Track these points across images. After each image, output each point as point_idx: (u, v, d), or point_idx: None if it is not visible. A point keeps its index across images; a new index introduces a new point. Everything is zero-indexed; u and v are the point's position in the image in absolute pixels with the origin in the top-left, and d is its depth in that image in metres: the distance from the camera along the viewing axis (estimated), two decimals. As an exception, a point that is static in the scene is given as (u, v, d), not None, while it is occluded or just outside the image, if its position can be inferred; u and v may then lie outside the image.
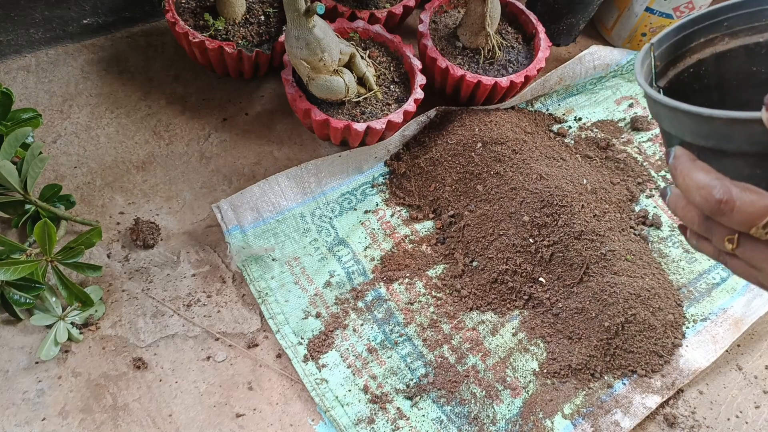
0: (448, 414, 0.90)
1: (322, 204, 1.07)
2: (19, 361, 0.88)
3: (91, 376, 0.89)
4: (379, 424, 0.88)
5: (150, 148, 1.11)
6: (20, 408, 0.85)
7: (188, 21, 1.08)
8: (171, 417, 0.87)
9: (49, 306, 0.89)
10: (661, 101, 0.40)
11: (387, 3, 1.22)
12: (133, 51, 1.22)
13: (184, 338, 0.94)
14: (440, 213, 1.08)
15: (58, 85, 1.15)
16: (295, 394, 0.91)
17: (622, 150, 1.21)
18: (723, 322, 1.02)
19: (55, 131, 1.10)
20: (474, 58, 1.16)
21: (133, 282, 0.97)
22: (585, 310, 0.95)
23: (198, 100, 1.18)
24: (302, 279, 1.00)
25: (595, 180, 1.10)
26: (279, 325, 0.95)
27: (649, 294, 0.97)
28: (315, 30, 0.91)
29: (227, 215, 1.01)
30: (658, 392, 0.94)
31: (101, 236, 0.92)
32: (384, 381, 0.92)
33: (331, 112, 1.04)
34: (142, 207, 1.05)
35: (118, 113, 1.14)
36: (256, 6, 1.14)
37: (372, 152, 1.10)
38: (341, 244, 1.04)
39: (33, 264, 0.84)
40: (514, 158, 1.07)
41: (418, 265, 1.03)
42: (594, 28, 1.46)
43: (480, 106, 1.18)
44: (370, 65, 1.09)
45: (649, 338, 0.95)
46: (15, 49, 1.15)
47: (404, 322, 0.97)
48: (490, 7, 1.08)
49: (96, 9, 1.17)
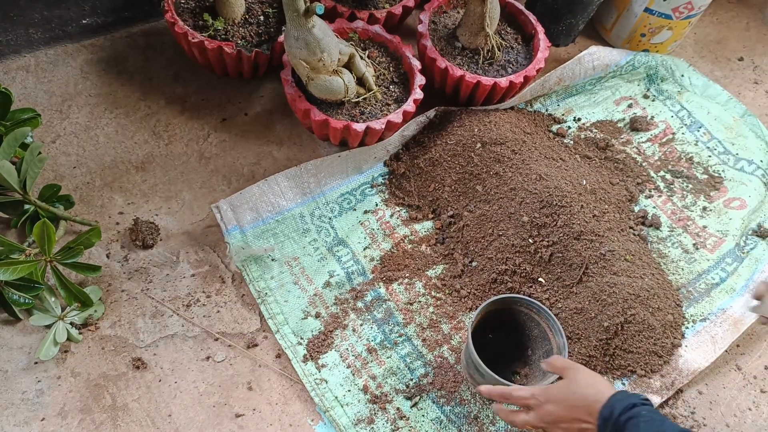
0: (448, 414, 0.90)
1: (322, 204, 1.07)
2: (19, 361, 0.88)
3: (91, 377, 0.88)
4: (379, 424, 0.88)
5: (149, 149, 1.11)
6: (19, 408, 0.85)
7: (187, 21, 1.08)
8: (170, 417, 0.87)
9: (48, 306, 0.89)
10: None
11: (386, 3, 1.22)
12: (132, 51, 1.22)
13: (183, 338, 0.93)
14: (440, 213, 1.08)
15: (57, 85, 1.15)
16: (294, 394, 0.91)
17: (621, 150, 1.21)
18: (722, 322, 1.02)
19: (54, 131, 1.10)
20: (473, 58, 1.16)
21: (132, 282, 0.97)
22: (584, 311, 0.95)
23: (197, 101, 1.18)
24: (302, 279, 1.00)
25: (595, 180, 1.10)
26: (278, 325, 0.95)
27: (649, 294, 0.97)
28: (314, 30, 0.91)
29: (226, 215, 1.01)
30: (658, 392, 0.95)
31: (100, 236, 0.92)
32: (383, 381, 0.92)
33: (330, 113, 1.04)
34: (142, 207, 1.05)
35: (117, 113, 1.14)
36: (256, 6, 1.14)
37: (371, 152, 1.10)
38: (341, 245, 1.04)
39: (32, 264, 0.84)
40: (513, 158, 1.07)
41: (417, 266, 1.03)
42: (593, 28, 1.46)
43: (479, 106, 1.18)
44: (370, 65, 1.09)
45: (649, 338, 0.96)
46: (14, 49, 1.15)
47: (404, 322, 0.97)
48: (490, 8, 1.08)
49: (95, 9, 1.17)
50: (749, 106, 1.34)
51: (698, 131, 1.27)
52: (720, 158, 1.23)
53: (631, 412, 0.65)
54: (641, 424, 0.64)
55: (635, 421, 0.64)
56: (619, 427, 0.65)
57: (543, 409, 0.71)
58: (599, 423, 0.67)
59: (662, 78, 1.34)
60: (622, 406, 0.66)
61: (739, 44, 1.51)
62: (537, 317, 0.88)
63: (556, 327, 0.84)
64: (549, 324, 0.86)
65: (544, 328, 0.87)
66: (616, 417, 0.65)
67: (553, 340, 0.86)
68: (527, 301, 0.87)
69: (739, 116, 1.29)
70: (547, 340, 0.87)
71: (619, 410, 0.66)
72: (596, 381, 0.71)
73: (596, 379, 0.72)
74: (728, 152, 1.24)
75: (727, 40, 1.52)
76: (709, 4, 1.31)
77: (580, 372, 0.72)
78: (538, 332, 0.89)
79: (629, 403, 0.66)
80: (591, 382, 0.71)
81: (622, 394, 0.68)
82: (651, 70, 1.34)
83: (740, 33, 1.54)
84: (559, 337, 0.84)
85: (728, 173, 1.21)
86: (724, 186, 1.19)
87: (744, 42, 1.52)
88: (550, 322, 0.85)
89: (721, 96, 1.32)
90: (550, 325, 0.86)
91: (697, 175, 1.20)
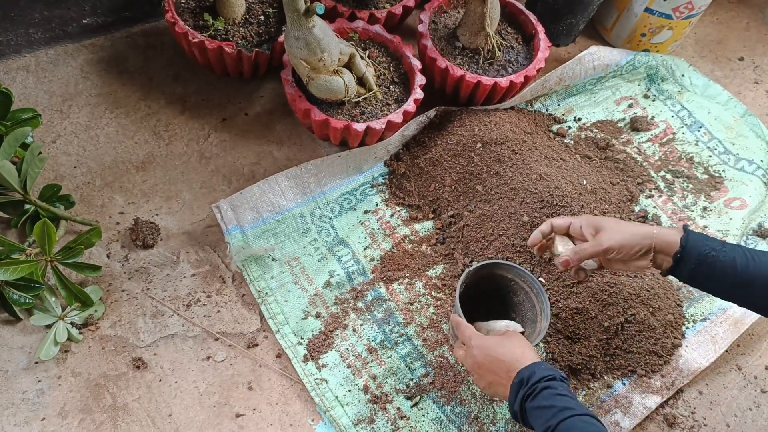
0: (448, 414, 0.90)
1: (322, 204, 1.07)
2: (19, 361, 0.88)
3: (91, 376, 0.88)
4: (379, 424, 0.88)
5: (149, 148, 1.11)
6: (20, 408, 0.85)
7: (188, 21, 1.08)
8: (171, 417, 0.87)
9: (48, 306, 0.89)
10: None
11: (386, 3, 1.22)
12: (132, 51, 1.22)
13: (183, 338, 0.94)
14: (440, 213, 1.08)
15: (57, 85, 1.15)
16: (294, 394, 0.91)
17: (622, 150, 1.21)
18: (723, 322, 1.02)
19: (54, 131, 1.10)
20: (473, 58, 1.16)
21: (132, 282, 0.97)
22: (585, 310, 0.95)
23: (197, 100, 1.18)
24: (302, 279, 1.00)
25: (595, 180, 1.10)
26: (279, 325, 0.95)
27: (649, 294, 0.97)
28: (315, 30, 0.91)
29: (227, 215, 1.01)
30: (658, 392, 0.95)
31: (101, 236, 0.92)
32: (384, 381, 0.92)
33: (330, 112, 1.04)
34: (142, 207, 1.05)
35: (117, 113, 1.14)
36: (256, 6, 1.14)
37: (372, 152, 1.10)
38: (341, 244, 1.04)
39: (32, 264, 0.84)
40: (513, 158, 1.07)
41: (417, 265, 1.03)
42: (593, 28, 1.46)
43: (479, 106, 1.18)
44: (370, 65, 1.09)
45: (649, 338, 0.96)
46: (14, 49, 1.15)
47: (404, 322, 0.97)
48: (490, 8, 1.08)
49: (95, 9, 1.17)
50: (749, 106, 1.34)
51: (699, 131, 1.27)
52: (720, 158, 1.23)
53: (550, 383, 0.68)
54: (555, 396, 0.66)
55: (551, 391, 0.67)
56: (534, 392, 0.68)
57: (471, 351, 0.77)
58: (515, 381, 0.71)
59: (663, 78, 1.34)
60: (543, 374, 0.69)
61: (739, 44, 1.51)
62: (522, 283, 0.89)
63: (540, 292, 0.86)
64: (533, 289, 0.87)
65: (529, 293, 0.88)
66: (534, 382, 0.68)
67: (537, 306, 0.87)
68: (514, 268, 0.88)
69: (740, 116, 1.29)
70: (532, 303, 0.88)
71: (538, 377, 0.68)
72: (525, 347, 0.75)
73: (526, 346, 0.75)
74: (729, 152, 1.24)
75: (728, 40, 1.52)
76: (710, 3, 1.31)
77: (516, 336, 0.77)
78: (524, 297, 0.90)
79: (550, 375, 0.68)
80: (521, 345, 0.75)
81: (546, 365, 0.71)
82: (651, 70, 1.34)
83: (740, 33, 1.54)
84: (543, 299, 0.85)
85: (729, 173, 1.21)
86: (725, 186, 1.19)
87: (744, 42, 1.52)
88: (534, 287, 0.86)
89: (721, 96, 1.32)
90: (535, 291, 0.87)
91: (697, 175, 1.20)
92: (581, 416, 0.64)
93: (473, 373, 0.77)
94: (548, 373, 0.69)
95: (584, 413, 0.64)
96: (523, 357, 0.72)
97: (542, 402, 0.66)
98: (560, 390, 0.67)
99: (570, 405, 0.65)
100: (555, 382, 0.68)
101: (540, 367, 0.70)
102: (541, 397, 0.67)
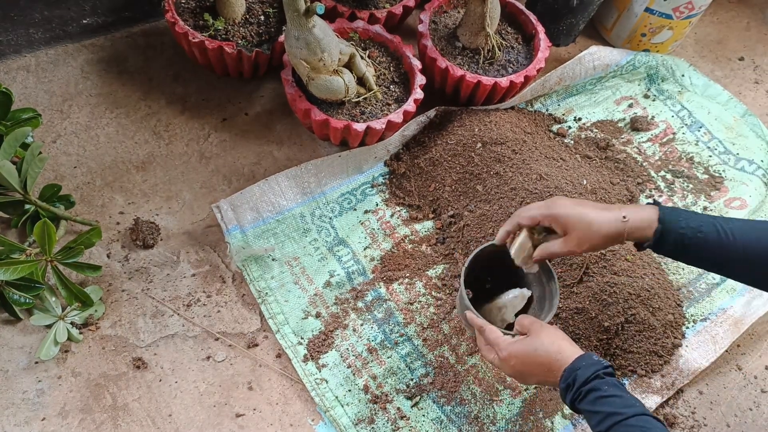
0: (448, 414, 0.90)
1: (322, 204, 1.07)
2: (19, 361, 0.88)
3: (91, 376, 0.88)
4: (379, 424, 0.88)
5: (150, 148, 1.11)
6: (20, 408, 0.85)
7: (188, 21, 1.08)
8: (171, 417, 0.87)
9: (48, 306, 0.89)
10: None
11: (387, 3, 1.22)
12: (132, 51, 1.22)
13: (183, 338, 0.94)
14: (440, 213, 1.08)
15: (57, 85, 1.15)
16: (295, 394, 0.91)
17: (622, 150, 1.21)
18: (723, 322, 1.02)
19: (54, 131, 1.10)
20: (474, 58, 1.16)
21: (132, 282, 0.97)
22: (585, 310, 0.95)
23: (198, 100, 1.18)
24: (302, 279, 1.00)
25: (595, 180, 1.10)
26: (279, 325, 0.95)
27: (649, 294, 0.97)
28: (315, 30, 0.91)
29: (227, 215, 1.01)
30: (658, 392, 0.95)
31: (101, 236, 0.92)
32: (384, 381, 0.92)
33: (330, 112, 1.04)
34: (142, 207, 1.05)
35: (117, 113, 1.14)
36: (256, 6, 1.14)
37: (372, 152, 1.10)
38: (341, 244, 1.04)
39: (32, 264, 0.84)
40: (513, 158, 1.07)
41: (417, 265, 1.03)
42: (594, 28, 1.46)
43: (480, 106, 1.18)
44: (370, 65, 1.09)
45: (649, 338, 0.96)
46: (15, 49, 1.15)
47: (404, 322, 0.97)
48: (490, 8, 1.08)
49: (95, 9, 1.17)
50: (750, 106, 1.34)
51: (699, 131, 1.27)
52: (720, 158, 1.23)
53: (594, 384, 0.66)
54: (599, 399, 0.65)
55: (596, 394, 0.65)
56: (580, 395, 0.67)
57: (506, 361, 0.74)
58: (561, 386, 0.69)
59: (663, 78, 1.34)
60: (587, 374, 0.67)
61: (739, 44, 1.51)
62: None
63: (550, 272, 0.84)
64: (542, 269, 0.85)
65: (538, 273, 0.86)
66: (578, 386, 0.67)
67: (546, 286, 0.85)
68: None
69: (740, 116, 1.29)
70: (541, 285, 0.86)
71: (582, 379, 0.67)
72: (557, 338, 0.72)
73: (556, 337, 0.73)
74: (729, 152, 1.24)
75: (728, 39, 1.52)
76: (710, 3, 1.31)
77: (545, 330, 0.74)
78: (533, 277, 0.88)
79: (593, 373, 0.67)
80: (553, 339, 0.72)
81: (588, 359, 0.68)
82: (651, 70, 1.34)
83: (741, 33, 1.54)
84: (552, 282, 0.83)
85: (729, 173, 1.21)
86: (725, 186, 1.19)
87: (744, 42, 1.52)
88: (543, 267, 0.85)
89: (721, 96, 1.32)
90: (543, 270, 0.85)
91: (697, 175, 1.20)
92: (628, 419, 0.63)
93: (516, 379, 0.76)
94: (591, 371, 0.67)
95: (631, 414, 0.63)
96: (560, 353, 0.70)
97: (588, 407, 0.66)
98: (605, 390, 0.65)
99: (616, 409, 0.64)
100: (599, 381, 0.66)
101: (582, 364, 0.68)
102: (586, 401, 0.66)
